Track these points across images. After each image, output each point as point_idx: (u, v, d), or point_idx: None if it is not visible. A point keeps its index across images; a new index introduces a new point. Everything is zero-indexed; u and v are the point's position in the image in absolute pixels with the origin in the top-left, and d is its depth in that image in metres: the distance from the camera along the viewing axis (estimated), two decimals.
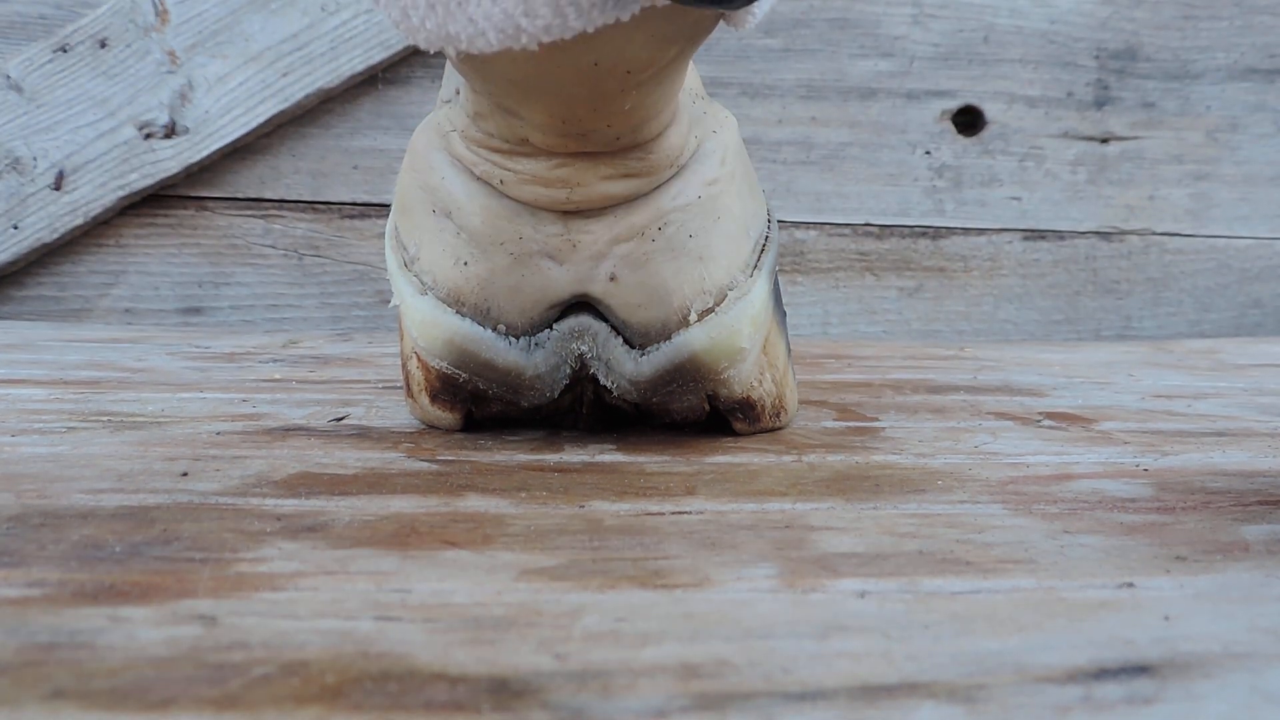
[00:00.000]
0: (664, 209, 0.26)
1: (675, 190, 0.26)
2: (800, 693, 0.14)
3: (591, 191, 0.25)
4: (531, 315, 0.26)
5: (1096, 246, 0.74)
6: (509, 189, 0.25)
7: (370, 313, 0.68)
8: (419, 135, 0.28)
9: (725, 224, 0.27)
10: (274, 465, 0.26)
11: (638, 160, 0.25)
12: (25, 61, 0.62)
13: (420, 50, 0.65)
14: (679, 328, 0.26)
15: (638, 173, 0.25)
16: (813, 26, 0.70)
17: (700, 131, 0.27)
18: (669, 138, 0.25)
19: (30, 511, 0.21)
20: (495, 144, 0.25)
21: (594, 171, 0.25)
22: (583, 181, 0.25)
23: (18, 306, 0.65)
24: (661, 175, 0.26)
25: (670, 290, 0.26)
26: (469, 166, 0.26)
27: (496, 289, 0.26)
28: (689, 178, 0.26)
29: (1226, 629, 0.16)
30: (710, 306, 0.26)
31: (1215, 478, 0.26)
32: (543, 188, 0.25)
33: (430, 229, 0.27)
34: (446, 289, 0.26)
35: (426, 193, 0.26)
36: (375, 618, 0.16)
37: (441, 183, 0.26)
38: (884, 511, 0.23)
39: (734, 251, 0.27)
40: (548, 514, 0.22)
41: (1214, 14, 0.73)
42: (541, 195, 0.25)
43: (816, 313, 0.71)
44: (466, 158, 0.26)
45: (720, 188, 0.27)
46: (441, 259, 0.26)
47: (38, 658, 0.14)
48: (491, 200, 0.26)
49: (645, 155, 0.25)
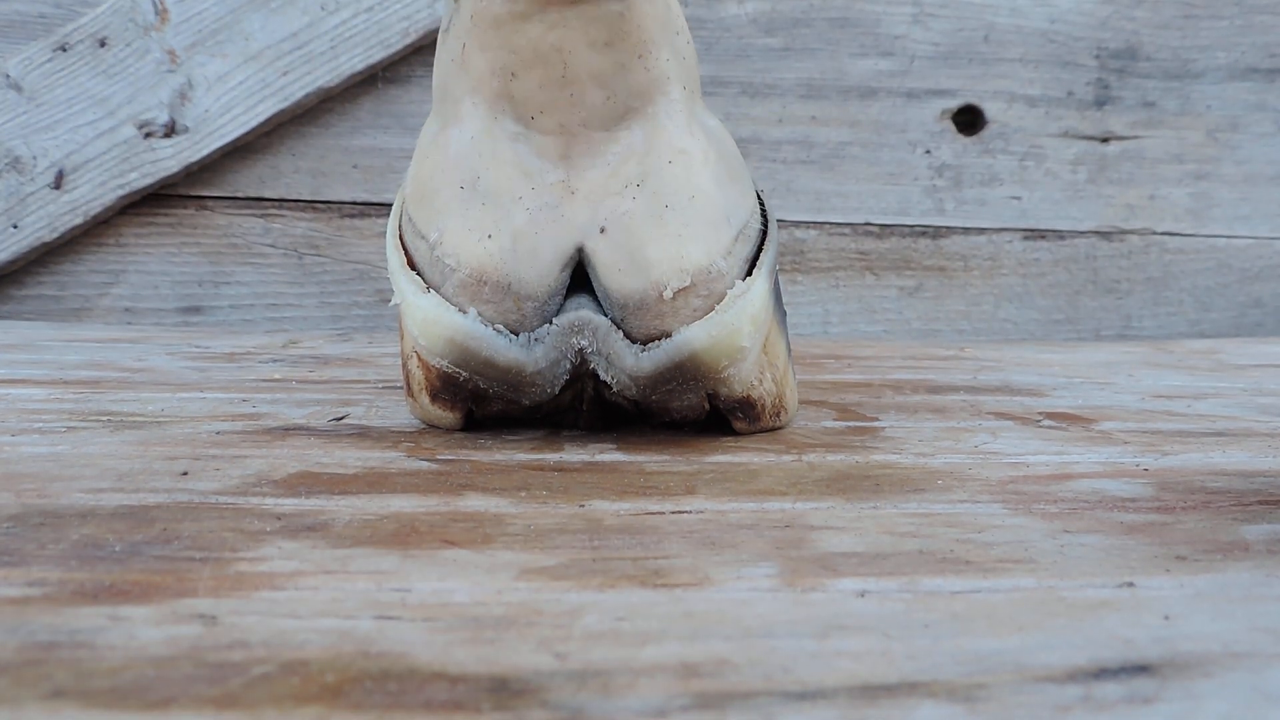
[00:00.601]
0: (644, 163, 0.27)
1: (651, 135, 0.27)
2: (800, 692, 0.14)
3: (581, 64, 0.26)
4: (548, 281, 0.27)
5: (1097, 246, 0.74)
6: (517, 84, 0.26)
7: (370, 312, 0.68)
8: (427, 127, 0.29)
9: (701, 205, 0.27)
10: (274, 465, 0.26)
11: (616, 17, 0.26)
12: (25, 60, 0.62)
13: (420, 49, 0.65)
14: (656, 304, 0.27)
15: (616, 39, 0.26)
16: (813, 26, 0.70)
17: (680, 77, 0.28)
18: (643, 3, 0.27)
19: (30, 511, 0.21)
20: (496, 9, 0.26)
21: (581, 32, 0.26)
22: (573, 48, 0.26)
23: (17, 306, 0.65)
24: (635, 70, 0.27)
25: (650, 261, 0.27)
26: (476, 83, 0.27)
27: (519, 257, 0.27)
28: (661, 132, 0.27)
29: (1226, 628, 0.16)
30: (687, 285, 0.27)
31: (1215, 477, 0.26)
32: (544, 69, 0.26)
33: (455, 209, 0.27)
34: (470, 268, 0.27)
35: (448, 168, 0.27)
36: (375, 617, 0.16)
37: (460, 150, 0.27)
38: (884, 511, 0.23)
39: (711, 235, 0.27)
40: (548, 513, 0.22)
41: (1214, 13, 0.73)
42: (546, 80, 0.26)
43: (816, 312, 0.71)
44: (477, 67, 0.27)
45: (690, 161, 0.27)
46: (466, 238, 0.27)
47: (38, 657, 0.14)
48: (504, 148, 0.27)
49: (622, 12, 0.26)
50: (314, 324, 0.67)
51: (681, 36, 0.28)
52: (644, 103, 0.27)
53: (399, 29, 0.64)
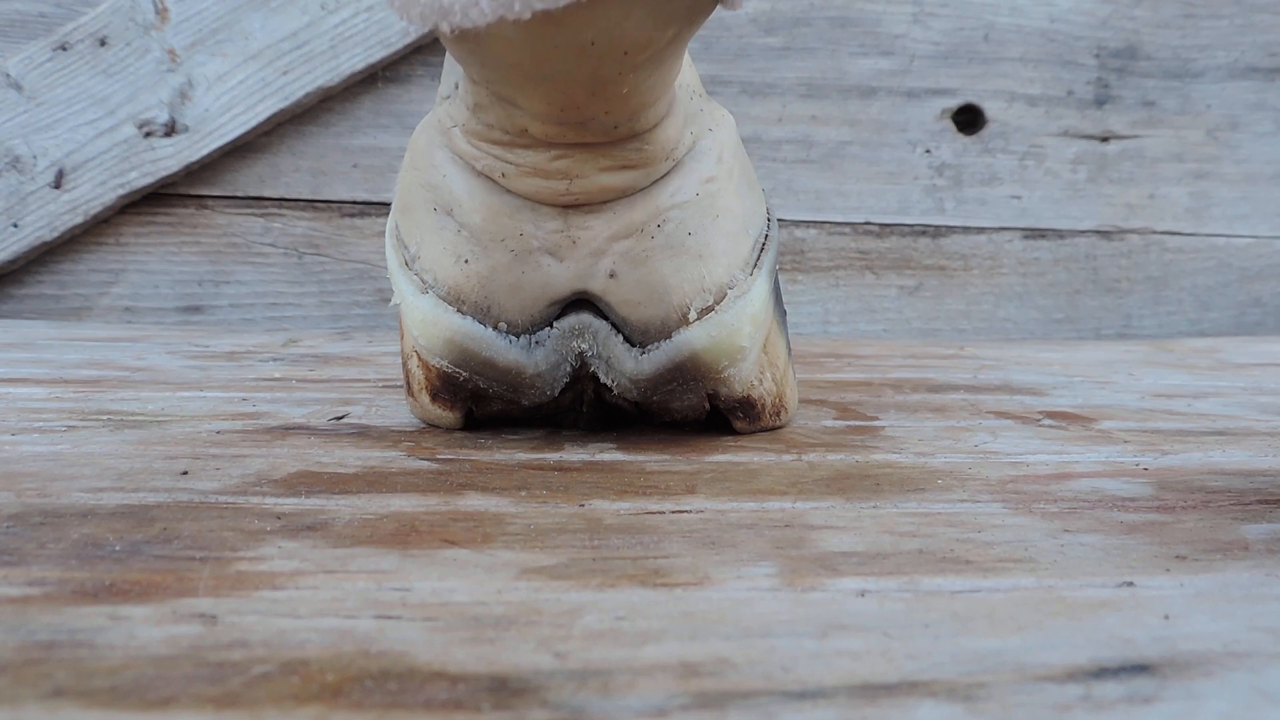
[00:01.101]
0: (662, 206, 0.26)
1: (674, 187, 0.26)
2: (800, 691, 0.14)
3: (590, 183, 0.25)
4: (532, 313, 0.26)
5: (1096, 245, 0.74)
6: (510, 182, 0.25)
7: (370, 311, 0.68)
8: (419, 133, 0.28)
9: (724, 222, 0.27)
10: (274, 464, 0.26)
11: (635, 151, 0.25)
12: (25, 60, 0.62)
13: (420, 48, 0.65)
14: (679, 325, 0.26)
15: (635, 164, 0.25)
16: (813, 25, 0.70)
17: (697, 128, 0.27)
18: (666, 129, 0.25)
19: (30, 510, 0.21)
20: (495, 136, 0.25)
21: (593, 163, 0.25)
22: (582, 173, 0.25)
23: (17, 305, 0.65)
24: (658, 168, 0.26)
25: (670, 288, 0.26)
26: (470, 161, 0.26)
27: (497, 286, 0.26)
28: (687, 175, 0.26)
29: (1226, 628, 0.16)
30: (710, 305, 0.27)
31: (1215, 477, 0.26)
32: (543, 180, 0.25)
33: (431, 227, 0.27)
34: (447, 287, 0.26)
35: (428, 190, 0.27)
36: (375, 616, 0.16)
37: (443, 180, 0.26)
38: (884, 510, 0.23)
39: (733, 249, 0.27)
40: (548, 513, 0.22)
41: (1214, 12, 0.73)
42: (542, 188, 0.25)
43: (816, 311, 0.71)
44: (467, 152, 0.26)
45: (718, 185, 0.27)
46: (442, 257, 0.26)
47: (38, 656, 0.14)
48: (492, 197, 0.26)
49: (642, 146, 0.25)
50: (314, 323, 0.67)
51: (695, 98, 0.27)
52: (662, 173, 0.26)
53: (399, 28, 0.63)
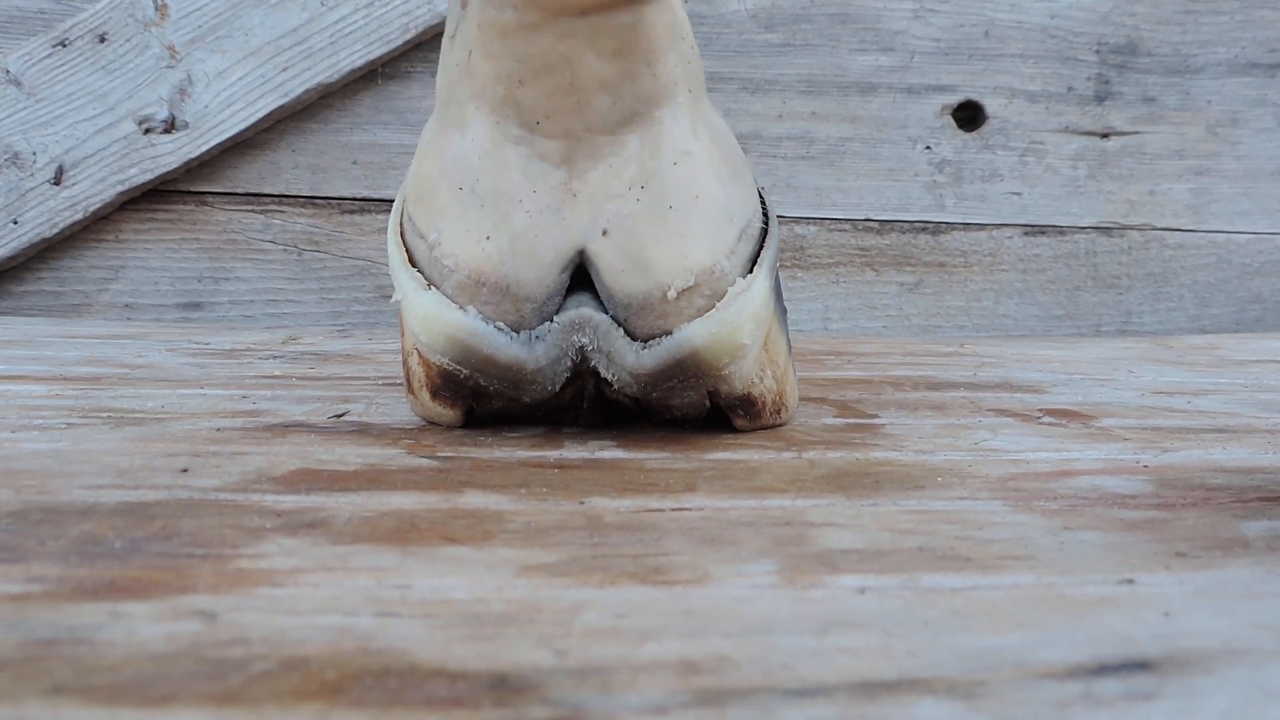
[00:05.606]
0: (647, 166, 0.27)
1: (655, 143, 0.27)
2: (800, 689, 0.14)
3: (588, 75, 0.26)
4: (548, 283, 0.27)
5: (1097, 242, 0.74)
6: (524, 93, 0.26)
7: (370, 308, 0.68)
8: (429, 126, 0.29)
9: (704, 205, 0.27)
10: (274, 461, 0.26)
11: (628, 27, 0.26)
12: (24, 56, 0.62)
13: (420, 44, 0.65)
14: (660, 304, 0.26)
15: (625, 48, 0.26)
16: (813, 21, 0.69)
17: (695, 87, 0.28)
18: (659, 13, 0.26)
19: (30, 507, 0.21)
20: (506, 18, 0.26)
21: (589, 44, 0.26)
22: (581, 59, 0.26)
23: (17, 302, 0.64)
24: (644, 78, 0.27)
25: (651, 260, 0.27)
26: (481, 89, 0.27)
27: (518, 259, 0.27)
28: (669, 133, 0.27)
29: (1226, 625, 0.16)
30: (691, 285, 0.27)
31: (1215, 474, 0.26)
32: (548, 75, 0.26)
33: (453, 210, 0.27)
34: (468, 270, 0.27)
35: (449, 169, 0.27)
36: (375, 614, 0.16)
37: (460, 153, 0.27)
38: (884, 508, 0.23)
39: (715, 235, 0.27)
40: (548, 510, 0.22)
41: (1215, 8, 0.73)
42: (552, 92, 0.26)
43: (817, 308, 0.71)
44: (483, 74, 0.27)
45: (694, 162, 0.27)
46: (464, 239, 0.27)
47: (38, 653, 0.14)
48: (503, 152, 0.27)
49: (635, 22, 0.26)
50: (314, 320, 0.67)
51: (686, 41, 0.28)
52: (650, 108, 0.27)
53: (399, 25, 0.63)
